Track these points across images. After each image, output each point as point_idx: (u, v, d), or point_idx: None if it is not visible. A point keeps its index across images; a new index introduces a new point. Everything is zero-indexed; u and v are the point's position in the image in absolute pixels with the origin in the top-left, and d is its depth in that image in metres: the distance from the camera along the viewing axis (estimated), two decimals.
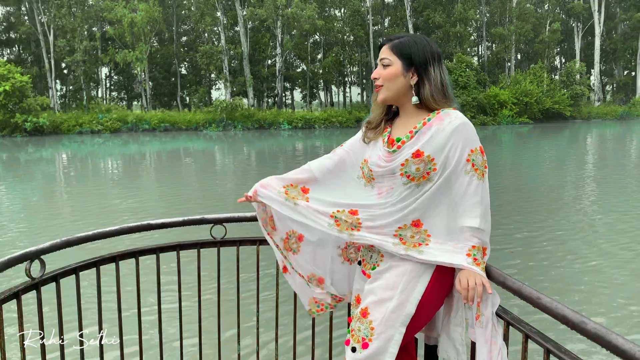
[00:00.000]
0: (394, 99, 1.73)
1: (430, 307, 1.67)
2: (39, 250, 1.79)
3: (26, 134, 30.75)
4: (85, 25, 39.32)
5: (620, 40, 49.15)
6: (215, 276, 2.39)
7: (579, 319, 1.14)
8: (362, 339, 1.63)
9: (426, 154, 1.62)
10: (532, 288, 1.34)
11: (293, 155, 20.43)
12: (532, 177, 13.32)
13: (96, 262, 2.02)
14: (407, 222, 1.66)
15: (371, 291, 1.68)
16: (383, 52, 1.72)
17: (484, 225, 1.58)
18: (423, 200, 1.65)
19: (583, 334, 1.12)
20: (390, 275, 1.65)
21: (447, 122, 1.63)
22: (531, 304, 1.32)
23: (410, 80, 1.69)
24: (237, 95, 39.03)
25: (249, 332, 3.77)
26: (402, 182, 1.66)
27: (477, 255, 1.55)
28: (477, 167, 1.60)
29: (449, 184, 1.63)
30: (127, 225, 2.14)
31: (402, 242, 1.65)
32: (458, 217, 1.60)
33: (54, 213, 9.46)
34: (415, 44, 1.69)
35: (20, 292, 1.74)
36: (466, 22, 43.19)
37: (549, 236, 7.18)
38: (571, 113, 41.55)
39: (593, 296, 5.04)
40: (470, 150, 1.61)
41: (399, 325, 1.61)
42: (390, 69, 1.69)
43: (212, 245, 2.32)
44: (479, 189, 1.60)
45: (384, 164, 1.71)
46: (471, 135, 1.63)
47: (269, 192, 1.97)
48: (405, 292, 1.61)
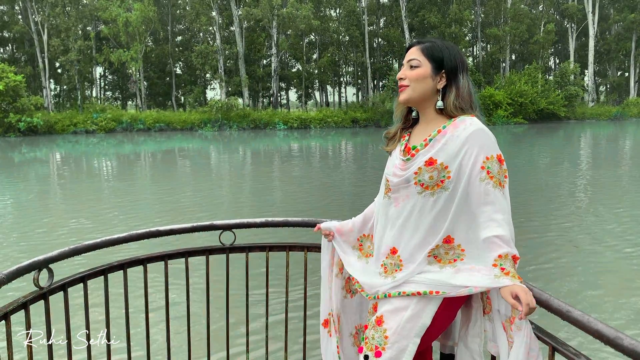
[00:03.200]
0: (417, 101, 1.70)
1: (446, 318, 1.64)
2: (47, 259, 1.75)
3: (20, 133, 30.52)
4: (79, 24, 39.07)
5: (614, 41, 49.42)
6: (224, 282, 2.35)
7: (614, 335, 1.11)
8: (376, 347, 1.61)
9: (439, 161, 1.59)
10: (560, 300, 1.31)
11: (289, 156, 20.38)
12: (532, 177, 13.35)
13: (104, 270, 1.98)
14: (438, 242, 1.61)
15: (387, 300, 1.65)
16: (412, 53, 1.69)
17: (507, 232, 1.51)
18: (445, 211, 1.60)
19: (618, 349, 1.09)
20: (407, 284, 1.63)
21: (461, 128, 1.59)
22: (561, 317, 1.29)
23: (438, 84, 1.66)
24: (233, 95, 38.86)
25: (258, 339, 3.73)
26: (417, 191, 1.63)
27: (505, 264, 1.47)
28: (492, 175, 1.53)
29: (468, 194, 1.58)
30: (135, 232, 2.10)
31: (437, 261, 1.61)
32: (480, 229, 1.54)
33: (47, 214, 9.37)
34: (447, 49, 1.67)
35: (29, 303, 1.70)
36: (461, 23, 43.29)
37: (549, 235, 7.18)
38: (565, 113, 41.75)
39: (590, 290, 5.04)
40: (485, 157, 1.55)
41: (414, 336, 1.58)
42: (418, 70, 1.66)
43: (221, 252, 2.28)
44: (497, 198, 1.52)
45: (399, 172, 1.69)
46: (486, 142, 1.57)
47: (344, 245, 1.97)
48: (421, 302, 1.58)
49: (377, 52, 46.78)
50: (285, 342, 2.39)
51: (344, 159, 19.25)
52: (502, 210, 1.52)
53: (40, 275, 1.73)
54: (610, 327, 1.13)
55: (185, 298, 2.28)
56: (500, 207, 1.52)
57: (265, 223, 2.32)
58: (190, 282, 2.28)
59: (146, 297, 2.15)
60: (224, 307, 2.39)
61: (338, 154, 21.29)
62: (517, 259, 1.50)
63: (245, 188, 12.44)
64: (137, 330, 3.26)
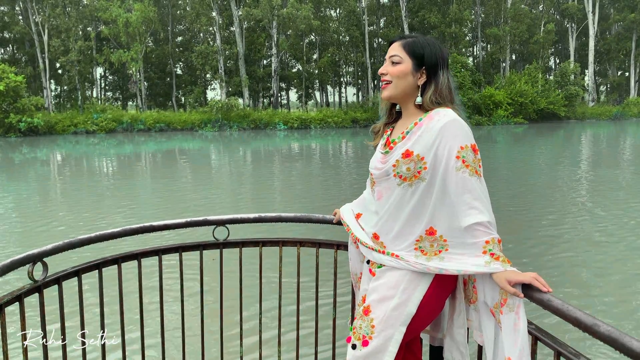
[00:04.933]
0: (399, 97, 1.74)
1: (432, 308, 1.66)
2: (41, 253, 1.77)
3: (20, 134, 30.55)
4: (79, 25, 39.11)
5: (614, 40, 49.39)
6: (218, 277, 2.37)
7: (591, 322, 1.13)
8: (363, 336, 1.64)
9: (415, 153, 1.62)
10: (540, 291, 1.34)
11: (289, 155, 20.40)
12: (532, 176, 13.36)
13: (98, 264, 2.01)
14: (421, 232, 1.63)
15: (374, 289, 1.68)
16: (394, 48, 1.72)
17: (489, 217, 1.53)
18: (424, 201, 1.63)
19: (596, 336, 1.12)
20: (393, 274, 1.65)
21: (435, 120, 1.62)
22: (542, 307, 1.31)
23: (418, 81, 1.70)
24: (233, 96, 38.87)
25: (252, 333, 3.75)
26: (397, 182, 1.67)
27: (494, 249, 1.50)
28: (468, 164, 1.55)
29: (445, 184, 1.59)
30: (130, 227, 2.12)
31: (423, 254, 1.63)
32: (460, 217, 1.56)
33: (48, 214, 9.40)
34: (428, 45, 1.70)
35: (23, 295, 1.72)
36: (461, 23, 43.30)
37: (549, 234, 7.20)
38: (565, 113, 41.73)
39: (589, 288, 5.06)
40: (459, 147, 1.56)
41: (400, 325, 1.60)
42: (400, 66, 1.69)
43: (214, 247, 2.30)
44: (474, 185, 1.54)
45: (380, 165, 1.74)
46: (460, 132, 1.59)
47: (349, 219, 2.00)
48: (407, 291, 1.61)
49: (378, 52, 46.76)
50: (279, 336, 2.42)
51: (344, 158, 19.27)
52: (480, 197, 1.54)
53: (35, 268, 1.75)
54: (588, 315, 1.16)
55: (180, 293, 2.30)
56: (479, 194, 1.54)
57: (258, 218, 2.34)
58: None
59: (140, 291, 2.18)
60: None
61: (338, 153, 21.31)
62: (500, 242, 1.53)
63: (245, 187, 12.46)
64: (131, 327, 3.28)
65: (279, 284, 2.37)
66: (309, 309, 2.45)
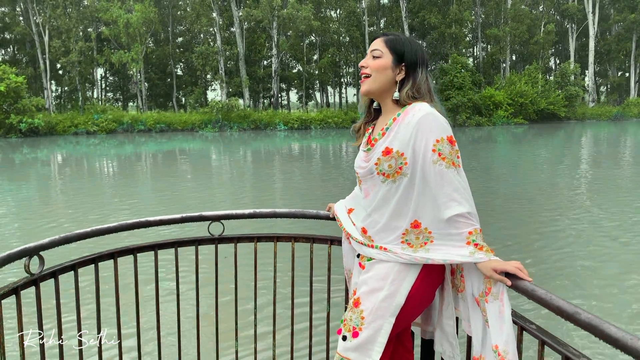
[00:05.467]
0: (377, 92, 1.76)
1: (421, 299, 1.69)
2: (37, 247, 1.80)
3: (21, 134, 30.61)
4: (80, 25, 39.15)
5: (614, 41, 49.40)
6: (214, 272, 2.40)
7: (573, 310, 1.16)
8: (353, 328, 1.67)
9: (395, 149, 1.65)
10: (525, 281, 1.36)
11: (289, 155, 20.43)
12: (532, 175, 13.39)
13: (94, 258, 2.03)
14: (407, 226, 1.67)
15: (364, 282, 1.72)
16: (376, 43, 1.76)
17: (469, 208, 1.57)
18: (407, 195, 1.66)
19: (577, 324, 1.14)
20: (382, 266, 1.68)
21: (411, 115, 1.65)
22: (526, 296, 1.34)
23: (397, 76, 1.73)
24: (233, 96, 38.92)
25: (247, 327, 3.78)
26: (380, 180, 1.70)
27: (477, 239, 1.54)
28: (444, 156, 1.58)
29: (425, 177, 1.62)
30: (126, 222, 2.15)
31: (409, 246, 1.66)
32: (442, 209, 1.59)
33: (49, 213, 9.43)
34: (409, 43, 1.74)
35: (20, 288, 1.75)
36: (461, 23, 43.33)
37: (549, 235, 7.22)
38: (565, 114, 41.72)
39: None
40: (435, 140, 1.59)
41: (389, 316, 1.63)
42: (380, 60, 1.72)
43: (210, 242, 2.33)
44: (453, 177, 1.57)
45: (363, 164, 1.77)
46: (435, 125, 1.61)
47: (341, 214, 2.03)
48: (395, 282, 1.64)
49: None
50: (274, 331, 2.44)
51: (345, 158, 19.30)
52: (459, 188, 1.58)
53: (31, 262, 1.78)
54: (570, 304, 1.18)
55: (175, 287, 2.33)
56: (457, 186, 1.58)
57: (253, 214, 2.37)
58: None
59: (136, 286, 2.20)
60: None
61: (338, 154, 21.35)
62: (481, 231, 1.58)
63: (245, 187, 12.49)
64: (127, 319, 3.31)
65: (274, 278, 2.40)
66: (304, 303, 2.48)
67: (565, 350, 1.23)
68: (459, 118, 37.15)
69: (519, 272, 1.40)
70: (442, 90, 38.05)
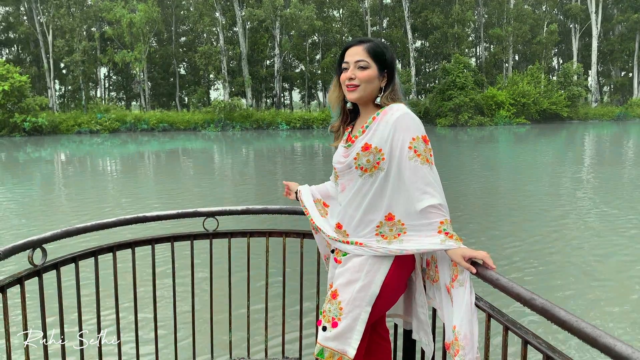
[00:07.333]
0: (365, 99, 1.85)
1: (394, 288, 1.79)
2: (40, 239, 1.91)
3: (25, 133, 30.82)
4: (84, 25, 39.39)
5: (617, 41, 49.33)
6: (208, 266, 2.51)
7: (529, 296, 1.26)
8: (332, 318, 1.78)
9: (373, 145, 1.77)
10: (491, 270, 1.47)
11: (292, 156, 20.54)
12: (532, 176, 13.46)
13: (95, 251, 2.14)
14: (381, 218, 1.77)
15: (340, 274, 1.83)
16: (358, 53, 1.82)
17: (440, 200, 1.69)
18: (382, 189, 1.77)
19: (532, 309, 1.24)
20: (357, 260, 1.79)
21: (389, 114, 1.77)
22: (491, 285, 1.44)
23: (382, 83, 1.84)
24: (236, 96, 39.09)
25: (240, 320, 3.88)
26: (358, 174, 1.81)
27: (448, 228, 1.67)
28: (419, 153, 1.70)
29: (401, 172, 1.74)
30: (124, 217, 2.26)
31: (384, 238, 1.77)
32: (415, 202, 1.71)
33: (52, 209, 9.56)
34: (386, 49, 1.85)
35: (24, 278, 1.86)
36: (464, 23, 43.35)
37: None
38: (568, 114, 41.71)
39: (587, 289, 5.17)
40: (411, 138, 1.72)
41: (365, 305, 1.74)
42: (368, 71, 1.81)
43: (204, 237, 2.44)
44: (426, 172, 1.70)
45: (342, 159, 1.88)
46: (411, 124, 1.74)
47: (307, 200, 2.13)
48: (370, 274, 1.75)
49: None
50: (266, 325, 2.55)
51: None
52: (432, 182, 1.70)
53: (34, 254, 1.89)
54: (527, 290, 1.28)
55: (172, 281, 2.44)
56: (430, 180, 1.70)
57: (245, 210, 2.48)
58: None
59: (134, 277, 2.31)
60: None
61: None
62: (450, 221, 1.71)
63: (245, 186, 12.60)
64: (125, 305, 3.42)
65: (266, 272, 2.50)
66: (296, 295, 2.59)
67: (525, 335, 1.33)
68: (460, 118, 37.17)
69: (487, 258, 1.52)
70: (444, 90, 38.08)
